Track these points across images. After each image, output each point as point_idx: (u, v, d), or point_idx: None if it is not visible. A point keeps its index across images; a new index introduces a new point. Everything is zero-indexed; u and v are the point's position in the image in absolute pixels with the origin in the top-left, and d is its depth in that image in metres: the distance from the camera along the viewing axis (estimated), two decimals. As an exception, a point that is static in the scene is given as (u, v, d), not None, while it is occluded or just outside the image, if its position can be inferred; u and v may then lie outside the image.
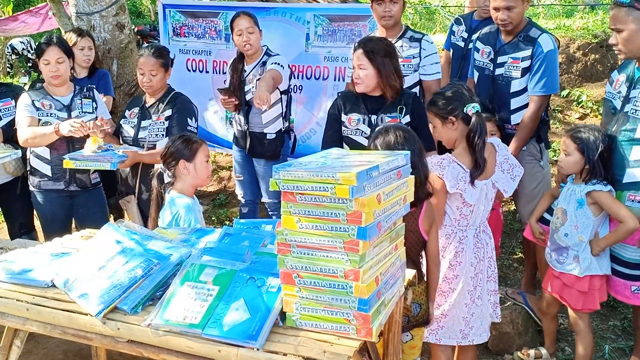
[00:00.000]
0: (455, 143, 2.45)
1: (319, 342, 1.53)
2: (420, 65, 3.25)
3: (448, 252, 2.46)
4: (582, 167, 2.57)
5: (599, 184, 2.53)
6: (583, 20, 6.37)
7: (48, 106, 3.14)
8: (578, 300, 2.65)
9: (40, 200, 3.26)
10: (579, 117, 5.05)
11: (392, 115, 2.77)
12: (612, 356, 3.01)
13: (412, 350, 2.40)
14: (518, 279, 3.63)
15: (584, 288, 2.61)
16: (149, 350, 1.68)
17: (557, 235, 2.67)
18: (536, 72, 3.00)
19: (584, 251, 2.58)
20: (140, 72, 3.17)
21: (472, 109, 2.36)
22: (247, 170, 3.71)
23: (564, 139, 2.67)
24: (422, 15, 8.91)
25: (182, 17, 4.39)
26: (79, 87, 3.28)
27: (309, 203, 1.49)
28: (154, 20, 11.66)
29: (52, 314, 1.79)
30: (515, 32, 3.06)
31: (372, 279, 1.53)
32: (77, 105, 3.20)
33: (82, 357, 3.04)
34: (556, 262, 2.68)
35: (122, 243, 1.96)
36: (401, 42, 3.25)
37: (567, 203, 2.63)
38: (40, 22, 9.92)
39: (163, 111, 3.17)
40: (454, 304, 2.46)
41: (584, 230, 2.57)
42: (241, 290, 1.66)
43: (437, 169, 2.35)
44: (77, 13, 4.33)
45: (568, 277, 2.64)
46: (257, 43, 3.49)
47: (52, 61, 3.09)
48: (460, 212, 2.44)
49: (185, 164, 2.53)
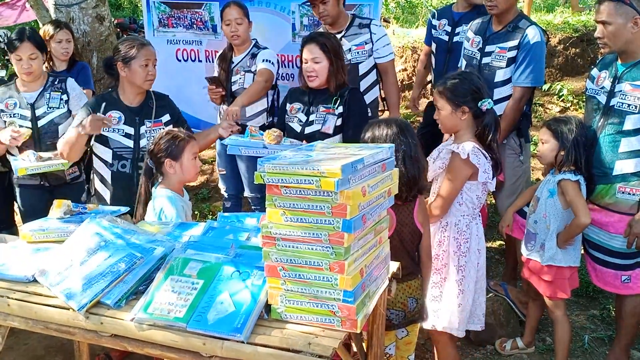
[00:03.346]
0: (457, 132, 2.44)
1: (304, 334, 1.54)
2: (373, 50, 3.42)
3: (465, 241, 2.44)
4: (556, 154, 2.61)
5: (569, 173, 2.57)
6: (563, 14, 6.45)
7: (12, 105, 3.09)
8: (547, 287, 2.70)
9: (20, 195, 3.24)
10: (559, 111, 5.12)
11: (327, 105, 2.93)
12: (592, 346, 3.06)
13: (408, 346, 2.40)
14: (499, 271, 3.68)
15: (548, 277, 2.66)
16: (133, 345, 1.67)
17: (528, 222, 2.74)
18: (521, 63, 3.03)
19: (550, 240, 2.62)
20: (146, 63, 2.81)
21: (487, 105, 2.34)
22: (230, 165, 3.69)
23: (540, 130, 2.73)
24: (405, 8, 8.93)
25: (167, 8, 4.34)
26: (52, 79, 3.19)
27: (293, 196, 1.49)
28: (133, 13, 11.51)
29: (34, 309, 1.77)
30: (506, 22, 3.09)
31: (356, 271, 1.54)
32: (45, 100, 3.12)
33: (64, 352, 3.02)
34: (525, 248, 2.75)
35: (104, 237, 1.93)
36: (351, 30, 3.41)
37: (541, 192, 2.68)
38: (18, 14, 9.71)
39: (160, 116, 2.93)
40: (475, 290, 2.46)
41: (551, 219, 2.62)
42: (226, 283, 1.65)
43: (474, 158, 2.31)
44: (56, 5, 4.25)
45: (534, 264, 2.71)
46: (245, 34, 3.47)
47: (24, 57, 3.03)
48: (478, 201, 2.45)
49: (171, 163, 2.47)
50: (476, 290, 2.48)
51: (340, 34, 3.42)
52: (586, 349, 3.04)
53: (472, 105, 2.36)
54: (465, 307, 2.46)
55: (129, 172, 2.86)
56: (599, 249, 2.70)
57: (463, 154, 2.31)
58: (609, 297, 3.31)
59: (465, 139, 2.40)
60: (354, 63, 3.41)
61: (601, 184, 2.62)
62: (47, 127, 3.11)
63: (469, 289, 2.45)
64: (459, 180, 2.38)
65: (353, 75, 3.44)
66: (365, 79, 3.48)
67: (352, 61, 3.40)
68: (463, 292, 2.45)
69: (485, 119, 2.36)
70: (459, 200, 2.43)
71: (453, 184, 2.38)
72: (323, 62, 2.83)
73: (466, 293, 2.45)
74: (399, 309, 2.24)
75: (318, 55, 2.81)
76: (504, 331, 3.10)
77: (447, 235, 2.47)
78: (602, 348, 3.05)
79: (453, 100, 2.38)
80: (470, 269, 2.45)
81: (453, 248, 2.46)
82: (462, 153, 2.32)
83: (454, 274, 2.46)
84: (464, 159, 2.31)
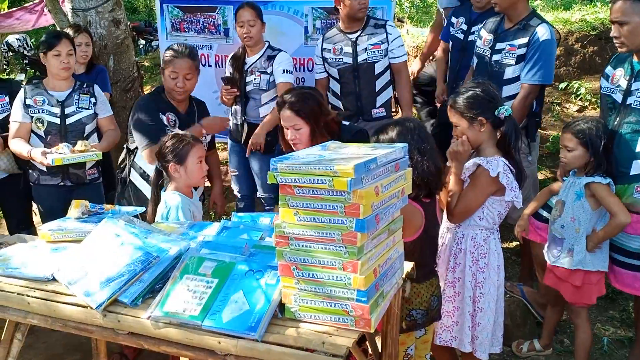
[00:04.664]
0: (480, 146, 2.36)
1: (318, 333, 1.54)
2: (388, 50, 3.43)
3: (483, 256, 2.38)
4: (586, 161, 2.54)
5: (598, 176, 2.51)
6: (581, 12, 6.37)
7: (40, 102, 3.17)
8: (573, 294, 2.64)
9: (39, 195, 3.32)
10: (577, 110, 5.05)
11: None
12: (611, 348, 3.02)
13: (425, 344, 2.37)
14: (516, 272, 3.65)
15: (576, 282, 2.60)
16: (149, 342, 1.69)
17: (553, 227, 2.67)
18: (529, 60, 3.01)
19: (578, 244, 2.57)
20: (174, 75, 3.01)
21: (505, 112, 2.28)
22: (243, 165, 3.71)
23: (564, 135, 2.62)
24: (419, 8, 8.90)
25: (180, 13, 4.38)
26: (79, 83, 3.29)
27: (307, 196, 1.49)
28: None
29: (53, 307, 1.80)
30: (517, 20, 3.08)
31: (370, 271, 1.54)
32: (74, 100, 3.21)
33: (82, 350, 3.06)
34: (550, 255, 2.68)
35: (121, 237, 1.96)
36: (367, 29, 3.43)
37: (566, 195, 2.62)
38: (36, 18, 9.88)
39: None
40: (496, 309, 2.39)
41: (580, 222, 2.57)
42: (240, 282, 1.66)
43: (503, 178, 2.26)
44: (73, 9, 4.31)
45: (561, 270, 2.63)
46: (258, 35, 3.48)
47: (63, 53, 3.14)
48: (499, 218, 2.39)
49: (176, 167, 2.47)
50: (497, 309, 2.40)
51: (356, 34, 3.42)
52: (605, 352, 3.00)
53: (490, 115, 2.30)
54: (485, 326, 2.38)
55: None
56: (618, 250, 2.65)
57: (492, 172, 2.25)
58: (628, 298, 3.25)
59: (489, 152, 2.33)
60: (370, 62, 3.42)
61: (618, 184, 2.57)
62: (74, 125, 3.19)
63: (489, 308, 2.37)
64: (483, 196, 2.32)
65: (369, 74, 3.45)
66: (380, 79, 3.49)
67: (368, 60, 3.41)
68: (483, 310, 2.37)
69: (505, 127, 2.31)
70: (480, 214, 2.36)
71: (476, 197, 2.32)
72: (303, 129, 2.58)
73: (486, 312, 2.37)
74: (424, 308, 2.22)
75: (297, 123, 2.57)
76: (521, 332, 3.07)
77: (461, 248, 2.41)
78: (621, 350, 3.00)
79: (468, 114, 2.31)
80: (490, 286, 2.37)
81: (468, 262, 2.39)
82: (492, 171, 2.25)
83: (468, 290, 2.39)
84: (493, 177, 2.26)
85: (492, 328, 2.40)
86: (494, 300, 2.38)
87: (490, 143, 2.35)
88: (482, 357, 2.42)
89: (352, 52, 3.45)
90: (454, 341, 2.43)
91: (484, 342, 2.39)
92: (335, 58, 3.50)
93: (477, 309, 2.38)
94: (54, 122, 3.15)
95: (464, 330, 2.40)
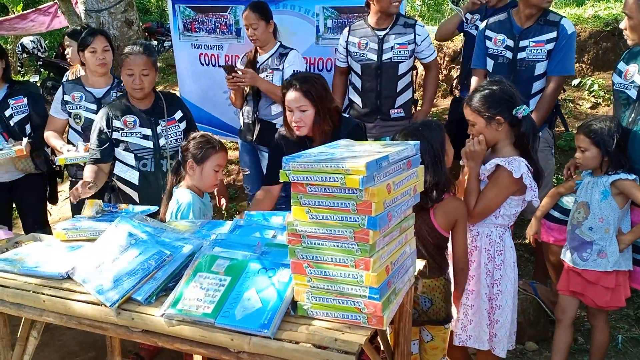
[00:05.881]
0: (496, 145, 2.35)
1: (331, 330, 1.55)
2: (418, 51, 3.43)
3: (499, 253, 2.36)
4: (600, 161, 2.50)
5: (623, 173, 2.46)
6: (594, 8, 6.30)
7: (78, 98, 3.26)
8: (604, 297, 2.54)
9: None
10: (590, 107, 5.00)
11: None
12: (626, 346, 2.99)
13: (434, 351, 2.33)
14: (529, 269, 3.62)
15: (610, 284, 2.51)
16: (163, 340, 1.71)
17: (579, 230, 2.55)
18: (559, 52, 3.07)
19: (611, 245, 2.49)
20: (130, 72, 2.83)
21: (523, 112, 2.26)
22: (254, 164, 3.72)
23: (577, 136, 2.58)
24: (430, 6, 8.86)
25: (192, 13, 4.41)
26: (117, 81, 3.33)
27: (319, 194, 1.50)
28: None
29: (68, 305, 1.83)
30: (534, 17, 3.12)
31: (382, 268, 1.54)
32: (111, 97, 3.26)
33: (96, 348, 3.09)
34: (578, 259, 2.55)
35: (134, 235, 1.98)
36: (396, 28, 3.39)
37: (590, 196, 2.52)
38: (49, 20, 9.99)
39: (172, 114, 2.99)
40: (513, 305, 2.38)
41: (610, 222, 2.49)
42: (252, 280, 1.67)
43: (527, 179, 2.25)
44: (86, 10, 4.36)
45: (592, 273, 2.52)
46: (264, 35, 3.48)
47: (99, 49, 3.22)
48: (515, 215, 2.38)
49: (193, 164, 2.50)
50: (513, 306, 2.38)
51: (384, 31, 3.41)
52: (619, 349, 2.97)
53: (507, 115, 2.28)
54: (504, 323, 2.35)
55: (152, 170, 2.94)
56: (632, 248, 2.62)
57: (516, 173, 2.24)
58: (643, 296, 3.23)
59: (506, 151, 2.31)
60: (395, 62, 3.39)
61: (633, 181, 2.54)
62: None
63: (507, 305, 2.35)
64: (504, 196, 2.30)
65: (392, 74, 3.42)
66: (403, 79, 3.46)
67: (392, 59, 3.38)
68: (501, 307, 2.35)
69: (522, 127, 2.29)
70: (497, 212, 2.34)
71: (497, 197, 2.30)
72: (309, 110, 2.56)
73: (504, 309, 2.35)
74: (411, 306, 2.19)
75: (304, 104, 2.56)
76: (534, 330, 3.05)
77: (476, 246, 2.38)
78: (636, 348, 2.97)
79: (485, 113, 2.29)
80: (507, 283, 2.35)
81: (484, 260, 2.36)
82: (515, 172, 2.24)
83: (484, 288, 2.36)
84: (516, 178, 2.24)
85: (510, 325, 2.38)
86: (512, 296, 2.37)
87: (508, 142, 2.33)
88: (501, 354, 2.40)
89: (378, 50, 3.40)
90: (469, 340, 2.40)
91: (503, 339, 2.37)
92: (360, 53, 3.45)
93: (494, 307, 2.36)
94: (90, 118, 3.18)
95: (482, 328, 2.37)
